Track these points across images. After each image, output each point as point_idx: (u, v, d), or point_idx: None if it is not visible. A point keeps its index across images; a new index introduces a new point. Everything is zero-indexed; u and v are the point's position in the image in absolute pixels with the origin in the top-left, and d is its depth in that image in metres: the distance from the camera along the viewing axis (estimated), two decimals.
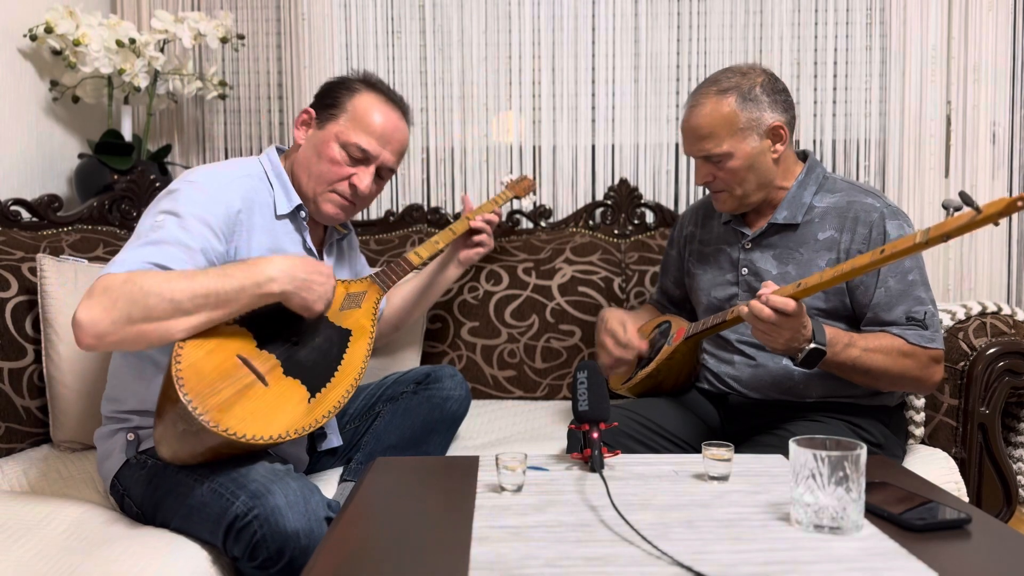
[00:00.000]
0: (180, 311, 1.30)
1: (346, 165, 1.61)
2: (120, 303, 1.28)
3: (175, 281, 1.31)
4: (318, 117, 1.64)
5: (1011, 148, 2.43)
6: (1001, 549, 1.05)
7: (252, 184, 1.57)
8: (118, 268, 1.32)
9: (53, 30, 2.10)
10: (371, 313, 1.63)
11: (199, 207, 1.44)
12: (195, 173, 1.52)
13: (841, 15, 2.44)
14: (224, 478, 1.32)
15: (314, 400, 1.40)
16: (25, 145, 2.16)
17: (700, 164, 1.66)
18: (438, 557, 1.02)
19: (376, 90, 1.66)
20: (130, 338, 1.30)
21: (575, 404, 1.32)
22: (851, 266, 1.38)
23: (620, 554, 0.99)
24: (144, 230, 1.41)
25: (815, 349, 1.44)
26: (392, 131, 1.64)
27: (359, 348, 1.54)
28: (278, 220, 1.59)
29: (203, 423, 1.24)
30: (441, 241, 1.89)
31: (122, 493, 1.47)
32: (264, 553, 1.25)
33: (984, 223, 1.18)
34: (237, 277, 1.35)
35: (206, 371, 1.31)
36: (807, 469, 1.03)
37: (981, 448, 1.81)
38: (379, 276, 1.72)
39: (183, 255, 1.38)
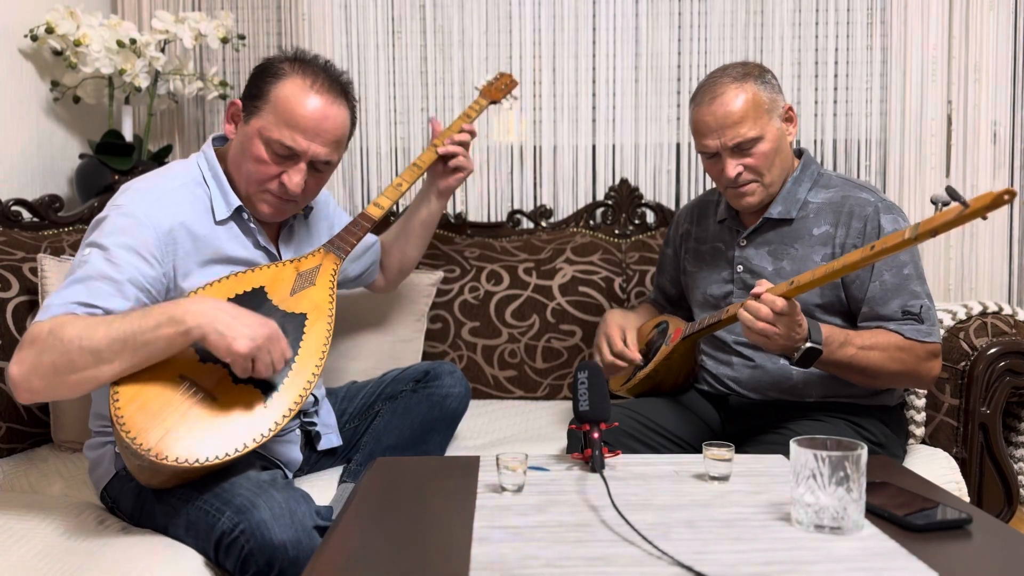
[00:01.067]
0: (101, 360, 1.25)
1: (273, 164, 1.46)
2: (45, 356, 1.24)
3: (94, 329, 1.25)
4: (244, 109, 1.49)
5: (1012, 147, 2.42)
6: (1002, 549, 1.05)
7: (187, 193, 1.47)
8: (44, 315, 1.28)
9: (54, 30, 2.10)
10: (328, 287, 1.52)
11: (124, 235, 1.37)
12: (123, 195, 1.44)
13: (842, 15, 2.44)
14: (208, 494, 1.30)
15: (272, 400, 1.34)
16: (26, 145, 2.16)
17: (729, 156, 1.61)
18: (439, 557, 1.02)
19: (303, 72, 1.48)
20: (63, 388, 1.27)
21: (576, 404, 1.32)
22: (842, 263, 1.38)
23: (621, 554, 0.99)
24: (73, 266, 1.36)
25: (811, 348, 1.44)
26: (320, 121, 1.46)
27: (318, 330, 1.45)
28: (219, 225, 1.49)
29: (151, 458, 1.22)
30: (405, 182, 1.73)
31: (111, 505, 1.46)
32: (254, 567, 1.24)
33: (971, 217, 1.18)
34: (154, 315, 1.27)
35: (147, 401, 1.27)
36: (808, 469, 1.03)
37: (982, 448, 1.80)
38: (335, 243, 1.60)
39: (110, 288, 1.32)
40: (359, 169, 2.53)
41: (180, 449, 1.24)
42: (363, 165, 2.53)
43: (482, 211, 2.53)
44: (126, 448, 1.25)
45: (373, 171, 2.53)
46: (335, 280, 1.55)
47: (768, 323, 1.42)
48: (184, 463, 1.24)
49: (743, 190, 1.64)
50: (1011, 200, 1.14)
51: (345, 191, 2.53)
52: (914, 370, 1.55)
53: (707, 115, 1.61)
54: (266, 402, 1.34)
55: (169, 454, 1.23)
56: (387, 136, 2.52)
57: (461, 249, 2.34)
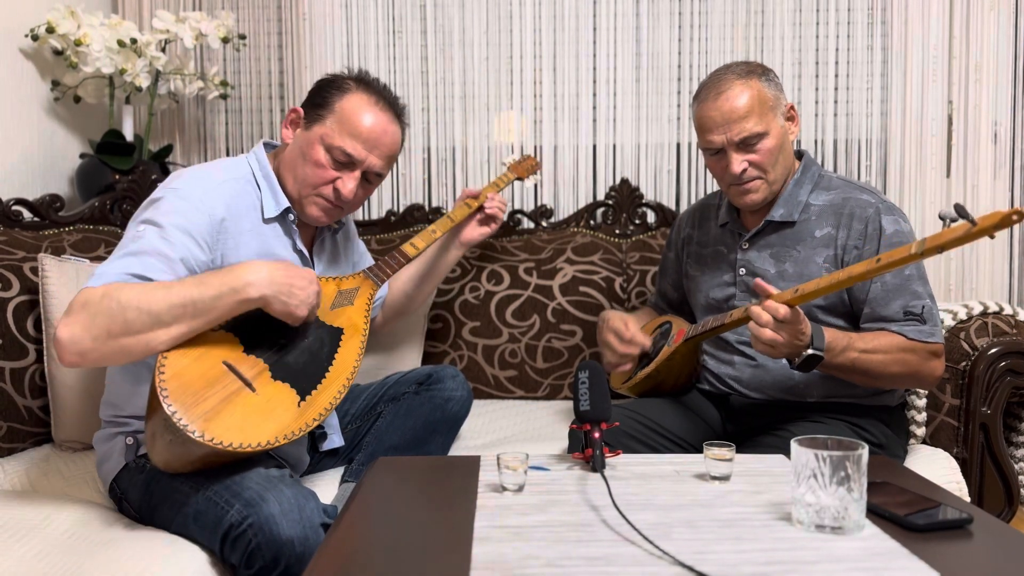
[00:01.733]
0: (159, 323, 1.28)
1: (330, 169, 1.55)
2: (99, 319, 1.26)
3: (152, 292, 1.29)
4: (306, 117, 1.59)
5: (1013, 148, 2.42)
6: (1003, 549, 1.05)
7: (238, 188, 1.54)
8: (96, 281, 1.31)
9: (55, 30, 2.10)
10: (364, 310, 1.60)
11: (180, 216, 1.42)
12: (178, 179, 1.49)
13: (842, 15, 2.44)
14: (219, 486, 1.32)
15: (304, 403, 1.38)
16: (27, 145, 2.16)
17: (734, 153, 1.61)
18: (439, 557, 1.02)
19: (367, 90, 1.60)
20: (112, 353, 1.29)
21: (576, 404, 1.32)
22: (847, 274, 1.37)
23: (621, 554, 0.99)
24: (125, 241, 1.40)
25: (812, 355, 1.44)
26: (380, 135, 1.58)
27: (351, 347, 1.52)
28: (266, 223, 1.56)
29: (188, 434, 1.24)
30: (439, 231, 1.86)
31: (120, 497, 1.47)
32: (260, 561, 1.24)
33: (979, 235, 1.18)
34: (214, 284, 1.33)
35: (191, 380, 1.29)
36: (809, 469, 1.03)
37: (983, 448, 1.80)
38: (373, 271, 1.69)
39: (163, 265, 1.36)
40: None
41: (216, 431, 1.26)
42: None
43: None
44: (163, 421, 1.25)
45: None
46: (371, 304, 1.63)
47: (772, 330, 1.41)
48: (217, 445, 1.25)
49: (747, 187, 1.64)
50: (1019, 221, 1.13)
51: None
52: (917, 371, 1.55)
53: (713, 110, 1.61)
54: (299, 403, 1.38)
55: (206, 433, 1.25)
56: None
57: None
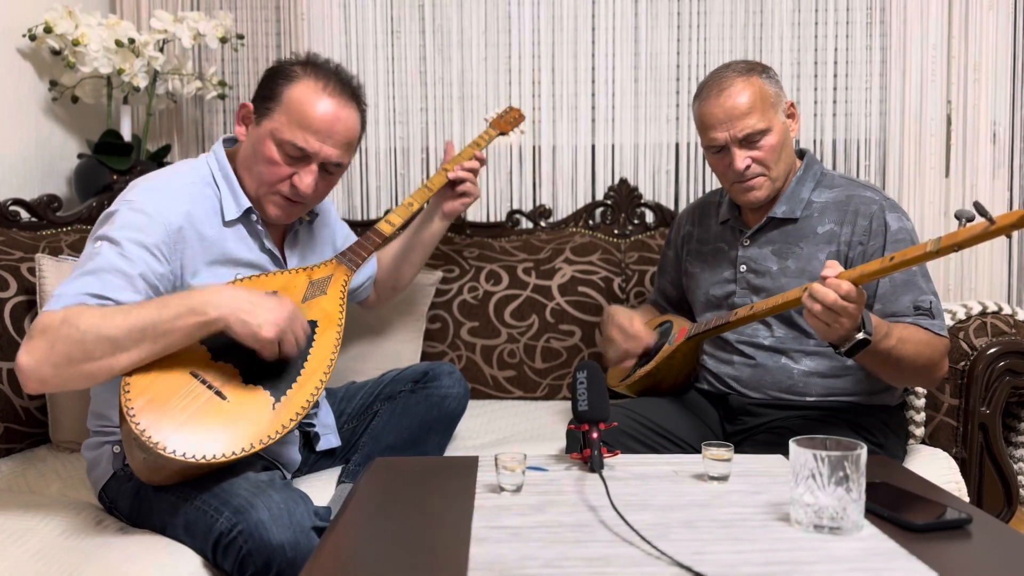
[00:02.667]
0: (119, 348, 1.26)
1: (284, 165, 1.48)
2: (59, 345, 1.24)
3: (112, 318, 1.26)
4: (256, 111, 1.51)
5: (1012, 147, 2.42)
6: (1002, 549, 1.05)
7: (196, 192, 1.48)
8: (56, 304, 1.28)
9: (52, 30, 2.10)
10: (338, 297, 1.54)
11: (135, 230, 1.38)
12: (133, 190, 1.45)
13: (841, 15, 2.44)
14: (207, 495, 1.30)
15: (280, 404, 1.35)
16: (24, 145, 2.16)
17: (737, 149, 1.60)
18: (437, 557, 1.02)
19: (315, 75, 1.50)
20: (74, 378, 1.27)
21: (575, 404, 1.31)
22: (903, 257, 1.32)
23: (620, 554, 0.99)
24: (83, 258, 1.37)
25: (863, 339, 1.38)
26: (332, 123, 1.48)
27: (327, 339, 1.47)
28: (227, 227, 1.50)
29: (159, 451, 1.23)
30: (416, 202, 1.78)
31: (110, 505, 1.46)
32: (252, 567, 1.24)
33: (996, 234, 1.16)
34: (173, 306, 1.29)
35: (157, 395, 1.28)
36: (807, 469, 1.03)
37: (982, 448, 1.80)
38: (346, 255, 1.63)
39: (122, 282, 1.33)
40: (357, 169, 2.53)
41: (187, 445, 1.25)
42: (362, 165, 2.53)
43: (481, 211, 2.52)
44: (134, 440, 1.25)
45: (372, 171, 2.53)
46: (346, 291, 1.57)
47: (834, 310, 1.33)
48: (191, 459, 1.24)
49: (751, 183, 1.64)
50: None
51: (344, 191, 2.53)
52: (934, 365, 1.54)
53: (715, 107, 1.61)
54: (274, 405, 1.35)
55: (176, 449, 1.24)
56: (386, 136, 2.52)
57: (460, 249, 2.33)
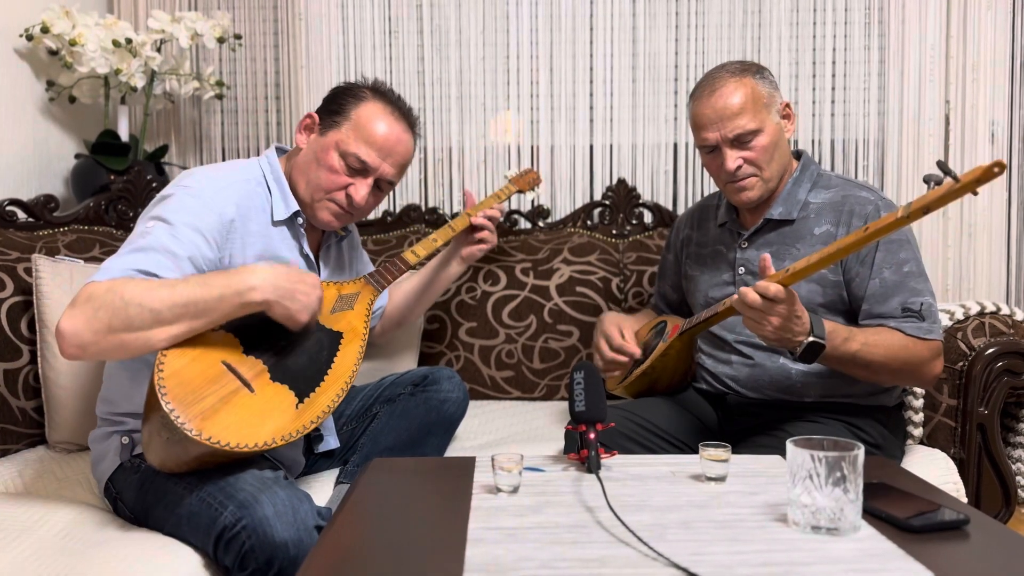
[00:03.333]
0: (160, 321, 1.29)
1: (344, 175, 1.57)
2: (101, 312, 1.27)
3: (156, 290, 1.30)
4: (321, 123, 1.61)
5: (1010, 147, 2.42)
6: (999, 550, 1.05)
7: (249, 189, 1.55)
8: (102, 276, 1.32)
9: (49, 30, 2.09)
10: (364, 315, 1.61)
11: (190, 214, 1.43)
12: (190, 177, 1.51)
13: (840, 15, 2.44)
14: (213, 487, 1.31)
15: (302, 405, 1.38)
16: (21, 145, 2.15)
17: (728, 149, 1.61)
18: (432, 559, 1.01)
19: (383, 100, 1.62)
20: (112, 347, 1.30)
21: (572, 405, 1.31)
22: (836, 247, 1.37)
23: (616, 555, 0.98)
24: (134, 236, 1.41)
25: (814, 343, 1.43)
26: (394, 144, 1.60)
27: (351, 351, 1.52)
28: (274, 226, 1.57)
29: (186, 432, 1.23)
30: (439, 239, 1.87)
31: (115, 497, 1.46)
32: (253, 564, 1.24)
33: (962, 192, 1.18)
34: (217, 286, 1.33)
35: (189, 378, 1.29)
36: (804, 470, 1.03)
37: (980, 448, 1.80)
38: (373, 276, 1.70)
39: (170, 262, 1.37)
40: None
41: (213, 430, 1.26)
42: None
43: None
44: (161, 418, 1.25)
45: None
46: (371, 309, 1.64)
47: (759, 309, 1.40)
48: (215, 444, 1.25)
49: (742, 184, 1.64)
50: (1000, 173, 1.14)
51: None
52: (916, 368, 1.55)
53: (707, 108, 1.62)
54: (297, 405, 1.38)
55: (203, 432, 1.25)
56: None
57: None
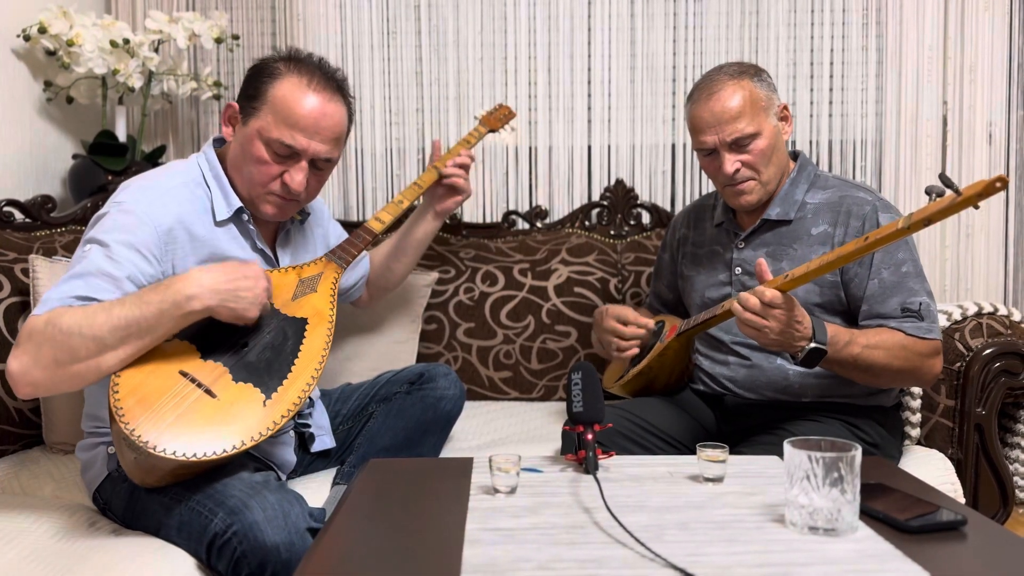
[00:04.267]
0: (104, 347, 1.26)
1: (274, 163, 1.47)
2: (44, 348, 1.25)
3: (93, 316, 1.27)
4: (242, 111, 1.50)
5: (1007, 148, 2.42)
6: (996, 550, 1.05)
7: (187, 193, 1.48)
8: (41, 308, 1.29)
9: (47, 30, 2.09)
10: (329, 294, 1.54)
11: (124, 232, 1.38)
12: (124, 191, 1.45)
13: (837, 15, 2.44)
14: (201, 495, 1.30)
15: (271, 401, 1.35)
16: (19, 146, 2.15)
17: (727, 153, 1.61)
18: (430, 560, 1.01)
19: (300, 71, 1.49)
20: (64, 380, 1.28)
21: (569, 405, 1.31)
22: (836, 255, 1.37)
23: (614, 556, 0.98)
24: (73, 261, 1.37)
25: (816, 349, 1.43)
26: (319, 119, 1.47)
27: (318, 335, 1.47)
28: (219, 226, 1.50)
29: (149, 451, 1.22)
30: (406, 199, 1.77)
31: (104, 506, 1.46)
32: (246, 569, 1.23)
33: (964, 205, 1.18)
34: (155, 302, 1.29)
35: (147, 394, 1.28)
36: (802, 470, 1.03)
37: (977, 449, 1.80)
38: (336, 252, 1.63)
39: (109, 285, 1.33)
40: (353, 170, 2.52)
41: (177, 443, 1.24)
42: (357, 165, 2.52)
43: (477, 212, 2.52)
44: (124, 440, 1.24)
45: (368, 171, 2.52)
46: (336, 288, 1.57)
47: (756, 314, 1.41)
48: (181, 458, 1.24)
49: (741, 187, 1.64)
50: (1003, 188, 1.14)
51: (339, 191, 2.52)
52: (916, 368, 1.55)
53: (705, 111, 1.61)
54: (265, 402, 1.34)
55: (167, 447, 1.23)
56: (382, 137, 2.51)
57: (456, 250, 2.33)
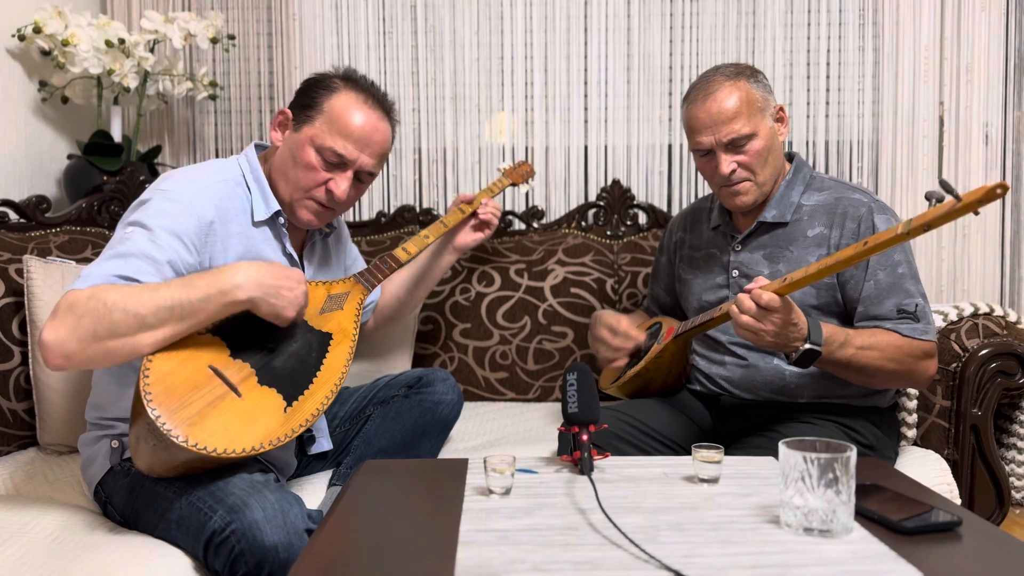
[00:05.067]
0: (145, 325, 1.27)
1: (322, 170, 1.53)
2: (85, 320, 1.25)
3: (139, 295, 1.28)
4: (295, 118, 1.56)
5: (1003, 149, 2.42)
6: (991, 551, 1.05)
7: (228, 190, 1.52)
8: (82, 283, 1.30)
9: (42, 30, 2.09)
10: (354, 314, 1.58)
11: (168, 218, 1.40)
12: (167, 180, 1.48)
13: (834, 16, 2.44)
14: (202, 492, 1.30)
15: (291, 408, 1.37)
16: (14, 146, 2.15)
17: (723, 154, 1.61)
18: (423, 561, 1.01)
19: (356, 88, 1.57)
20: (98, 355, 1.28)
21: (565, 406, 1.31)
22: (835, 259, 1.37)
23: (608, 557, 0.98)
24: (113, 243, 1.38)
25: (810, 350, 1.44)
26: (371, 133, 1.55)
27: (340, 352, 1.50)
28: (255, 227, 1.54)
29: (172, 439, 1.23)
30: (431, 235, 1.84)
31: (105, 500, 1.46)
32: (243, 568, 1.23)
33: (964, 211, 1.18)
34: (201, 287, 1.31)
35: (176, 384, 1.28)
36: (797, 471, 1.03)
37: (973, 450, 1.80)
38: (363, 275, 1.68)
39: (150, 267, 1.34)
40: None
41: (200, 436, 1.25)
42: None
43: None
44: (147, 425, 1.24)
45: None
46: (360, 309, 1.61)
47: (753, 318, 1.41)
48: (201, 450, 1.24)
49: (736, 188, 1.64)
50: (1003, 194, 1.14)
51: None
52: (911, 369, 1.55)
53: (701, 112, 1.61)
54: (286, 409, 1.36)
55: (189, 438, 1.24)
56: None
57: None
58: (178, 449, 1.24)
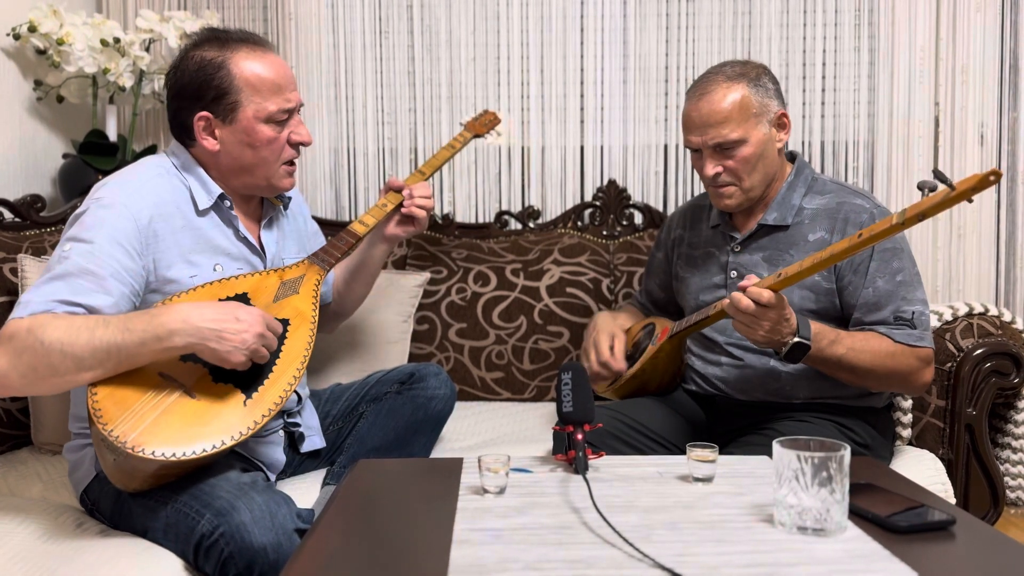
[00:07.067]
0: (84, 367, 1.26)
1: (279, 133, 1.51)
2: (24, 356, 1.25)
3: (76, 334, 1.25)
4: (216, 115, 1.49)
5: (999, 150, 2.43)
6: (985, 550, 1.05)
7: (166, 183, 1.48)
8: (23, 311, 1.28)
9: (37, 29, 2.08)
10: (311, 295, 1.53)
11: (107, 227, 1.36)
12: (101, 188, 1.44)
13: (830, 16, 2.44)
14: (188, 497, 1.29)
15: (251, 400, 1.34)
16: (8, 145, 2.14)
17: (709, 156, 1.61)
18: (417, 560, 1.01)
19: (236, 47, 1.49)
20: (39, 388, 1.29)
21: (559, 405, 1.31)
22: (829, 252, 1.37)
23: (602, 556, 0.98)
24: (52, 262, 1.35)
25: (798, 343, 1.44)
26: (285, 71, 1.52)
27: (300, 335, 1.46)
28: (201, 216, 1.50)
29: (127, 451, 1.21)
30: (389, 204, 1.75)
31: (91, 508, 1.45)
32: (234, 570, 1.23)
33: (958, 199, 1.19)
34: (138, 331, 1.27)
35: (125, 396, 1.27)
36: (790, 470, 1.03)
37: (968, 449, 1.80)
38: (319, 255, 1.62)
39: (91, 285, 1.32)
40: (345, 170, 2.52)
41: (157, 443, 1.24)
42: (350, 165, 2.52)
43: (470, 212, 2.52)
44: (102, 442, 1.24)
45: (360, 172, 2.52)
46: (318, 290, 1.56)
47: (752, 315, 1.41)
48: (160, 457, 1.23)
49: (721, 191, 1.64)
50: (996, 181, 1.15)
51: (332, 191, 2.52)
52: (904, 375, 1.55)
53: (693, 111, 1.61)
54: (245, 402, 1.34)
55: (146, 447, 1.22)
56: (374, 136, 2.51)
57: (448, 250, 2.33)
58: (139, 460, 1.23)
